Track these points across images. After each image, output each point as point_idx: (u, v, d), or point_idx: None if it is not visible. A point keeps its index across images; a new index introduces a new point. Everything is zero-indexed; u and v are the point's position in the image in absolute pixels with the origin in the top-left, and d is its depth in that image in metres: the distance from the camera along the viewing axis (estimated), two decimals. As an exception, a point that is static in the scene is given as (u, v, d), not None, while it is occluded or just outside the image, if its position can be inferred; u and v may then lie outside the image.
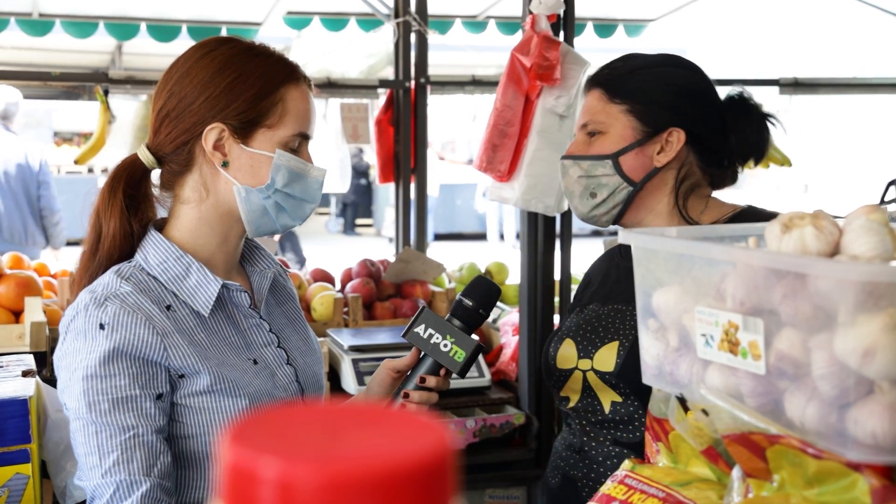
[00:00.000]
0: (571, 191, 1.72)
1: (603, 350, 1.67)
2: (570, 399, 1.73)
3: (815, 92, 4.15)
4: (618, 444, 1.66)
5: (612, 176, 1.66)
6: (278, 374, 1.50)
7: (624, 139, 1.66)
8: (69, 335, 1.38)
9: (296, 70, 1.48)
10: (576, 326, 1.75)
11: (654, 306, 1.13)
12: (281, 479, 0.34)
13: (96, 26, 5.20)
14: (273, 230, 1.50)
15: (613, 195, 1.67)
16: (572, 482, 1.70)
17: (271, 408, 0.40)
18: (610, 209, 1.69)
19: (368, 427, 0.37)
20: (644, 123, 1.66)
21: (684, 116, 1.67)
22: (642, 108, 1.66)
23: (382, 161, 3.65)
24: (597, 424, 1.68)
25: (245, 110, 1.42)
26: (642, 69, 1.70)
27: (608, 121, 1.68)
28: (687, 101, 1.68)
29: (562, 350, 1.74)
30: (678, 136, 1.66)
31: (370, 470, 0.34)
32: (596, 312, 1.74)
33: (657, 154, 1.67)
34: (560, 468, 1.73)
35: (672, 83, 1.69)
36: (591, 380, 1.68)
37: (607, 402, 1.67)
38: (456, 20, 5.32)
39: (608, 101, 1.68)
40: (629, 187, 1.67)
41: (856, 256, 0.92)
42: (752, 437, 0.96)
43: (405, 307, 3.18)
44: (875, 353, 0.87)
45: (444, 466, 0.36)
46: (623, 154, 1.66)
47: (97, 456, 1.32)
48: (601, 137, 1.68)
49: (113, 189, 1.45)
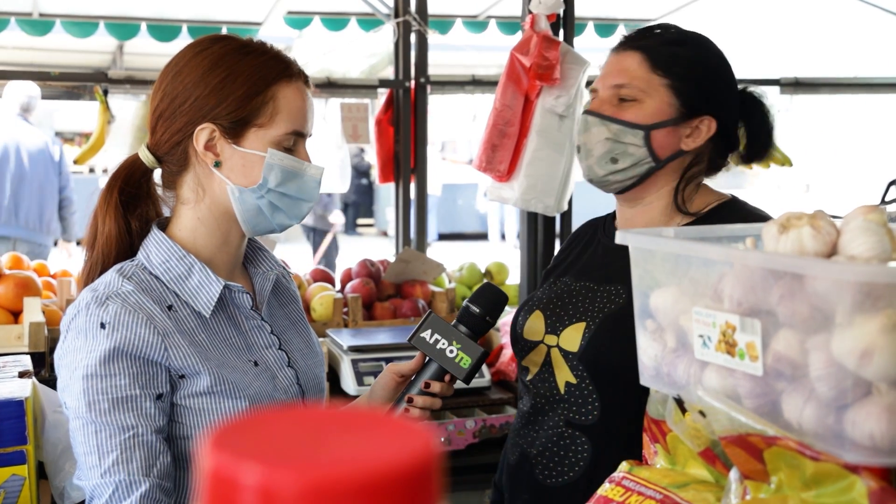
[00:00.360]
0: (590, 149, 1.66)
1: (570, 329, 1.65)
2: (530, 370, 1.72)
3: (816, 92, 4.14)
4: (570, 424, 1.63)
5: (640, 147, 1.62)
6: (279, 376, 1.49)
7: (660, 113, 1.62)
8: (70, 334, 1.38)
9: (290, 67, 1.45)
10: (546, 299, 1.74)
11: (652, 307, 1.12)
12: (262, 485, 0.34)
13: (96, 26, 5.20)
14: (270, 229, 1.49)
15: (636, 166, 1.63)
16: (527, 458, 1.68)
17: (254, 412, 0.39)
18: (626, 178, 1.65)
19: (352, 433, 0.37)
20: (682, 103, 1.62)
21: (720, 106, 1.65)
22: (685, 87, 1.62)
23: (382, 161, 3.65)
24: (551, 400, 1.66)
25: (235, 110, 1.41)
26: (685, 44, 1.65)
27: (648, 90, 1.62)
28: (724, 91, 1.66)
29: (530, 321, 1.72)
30: (710, 124, 1.63)
31: (352, 476, 0.33)
32: (568, 287, 1.72)
33: (686, 137, 1.64)
34: (518, 444, 1.72)
35: (712, 68, 1.65)
36: (553, 356, 1.67)
37: (562, 382, 1.65)
38: (456, 20, 5.32)
39: (650, 70, 1.62)
40: (652, 163, 1.63)
41: (853, 257, 0.92)
42: (750, 439, 0.95)
43: (405, 307, 3.17)
44: (873, 355, 0.86)
45: (429, 472, 0.35)
46: (657, 128, 1.62)
47: (96, 455, 1.32)
48: (636, 105, 1.63)
49: (110, 188, 1.45)
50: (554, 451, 1.65)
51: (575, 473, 1.62)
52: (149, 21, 5.22)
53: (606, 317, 1.62)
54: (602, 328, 1.62)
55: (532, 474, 1.67)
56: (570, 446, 1.63)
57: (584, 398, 1.63)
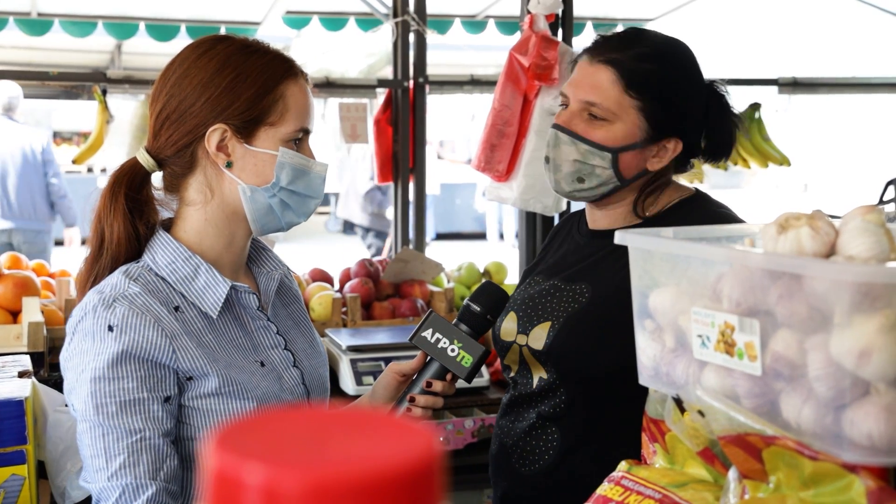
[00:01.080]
0: (558, 165, 1.68)
1: (538, 328, 1.71)
2: (512, 369, 1.79)
3: (814, 91, 4.15)
4: (541, 417, 1.71)
5: (606, 169, 1.64)
6: (285, 376, 1.49)
7: (629, 136, 1.63)
8: (77, 336, 1.37)
9: (293, 65, 1.47)
10: (520, 300, 1.79)
11: (651, 307, 1.13)
12: (265, 485, 0.34)
13: (95, 26, 5.20)
14: (278, 228, 1.49)
15: (601, 186, 1.67)
16: (504, 448, 1.77)
17: (258, 413, 0.40)
18: (591, 195, 1.70)
19: (355, 433, 0.37)
20: (651, 126, 1.63)
21: (686, 127, 1.67)
22: (656, 111, 1.63)
23: (381, 161, 3.64)
24: (526, 396, 1.74)
25: (247, 109, 1.41)
26: (658, 60, 1.65)
27: (618, 111, 1.63)
28: (691, 109, 1.67)
29: (505, 323, 1.79)
30: (675, 145, 1.66)
31: (355, 476, 0.34)
32: (539, 287, 1.78)
33: (652, 157, 1.66)
34: (497, 435, 1.80)
35: (683, 88, 1.66)
36: (525, 354, 1.73)
37: (536, 377, 1.73)
38: (455, 20, 5.32)
39: (623, 91, 1.62)
40: (618, 183, 1.66)
41: (852, 257, 0.92)
42: (749, 439, 0.95)
43: (404, 307, 3.18)
44: (871, 355, 0.87)
45: (430, 472, 0.36)
46: (624, 151, 1.64)
47: (103, 458, 1.32)
48: (606, 125, 1.63)
49: (114, 193, 1.44)
50: (527, 441, 1.72)
51: (545, 462, 1.70)
52: (147, 21, 5.21)
53: (570, 316, 1.68)
54: (565, 327, 1.68)
55: (509, 463, 1.75)
56: (542, 436, 1.71)
57: (553, 392, 1.70)
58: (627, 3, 5.59)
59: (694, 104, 1.68)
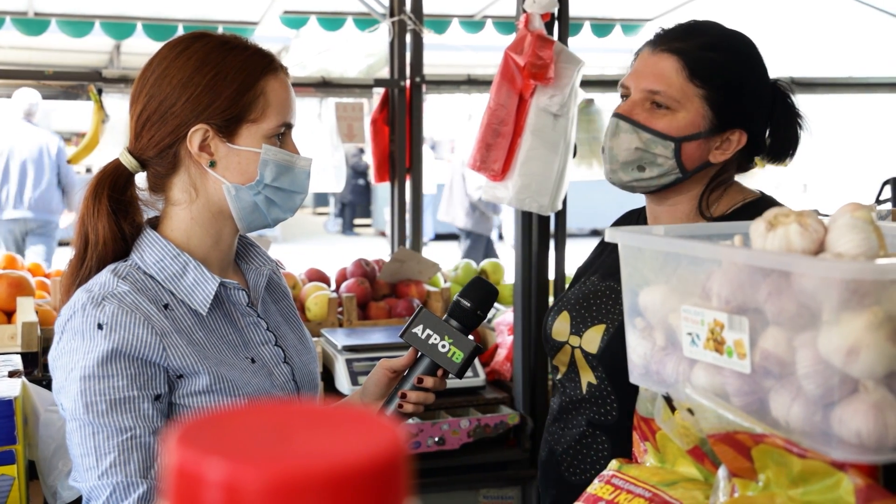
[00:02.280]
0: (616, 155, 1.62)
1: (591, 330, 1.67)
2: (559, 370, 1.75)
3: (813, 91, 4.14)
4: (591, 424, 1.67)
5: (669, 159, 1.59)
6: (275, 372, 1.49)
7: (693, 126, 1.58)
8: (65, 335, 1.37)
9: (273, 60, 1.45)
10: (574, 299, 1.74)
11: (641, 305, 1.12)
12: (226, 481, 0.34)
13: (92, 25, 5.19)
14: (265, 225, 1.48)
15: (662, 177, 1.61)
16: (554, 455, 1.73)
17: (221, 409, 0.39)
18: (650, 186, 1.63)
19: (320, 427, 0.37)
20: (716, 116, 1.58)
21: (751, 119, 1.61)
22: (721, 100, 1.58)
23: (378, 161, 3.64)
24: (575, 400, 1.70)
25: (228, 107, 1.40)
26: (724, 51, 1.61)
27: (682, 100, 1.58)
28: (756, 103, 1.62)
29: (558, 321, 1.74)
30: (740, 137, 1.60)
31: (317, 471, 0.33)
32: (594, 287, 1.72)
33: (715, 149, 1.61)
34: (547, 442, 1.76)
35: (748, 79, 1.61)
36: (576, 356, 1.69)
37: (584, 382, 1.68)
38: (453, 19, 5.32)
39: (687, 79, 1.58)
40: (679, 174, 1.60)
41: (840, 254, 0.92)
42: (738, 437, 0.95)
43: (400, 307, 3.17)
44: (859, 352, 0.86)
45: (395, 467, 0.35)
46: (688, 141, 1.58)
47: (94, 457, 1.31)
48: (669, 114, 1.59)
49: (97, 195, 1.42)
50: (577, 450, 1.69)
51: (596, 471, 1.62)
52: (145, 21, 5.21)
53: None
54: (621, 331, 1.60)
55: (559, 471, 1.71)
56: (592, 445, 1.67)
57: (604, 399, 1.66)
58: (626, 3, 5.58)
59: (759, 97, 1.63)
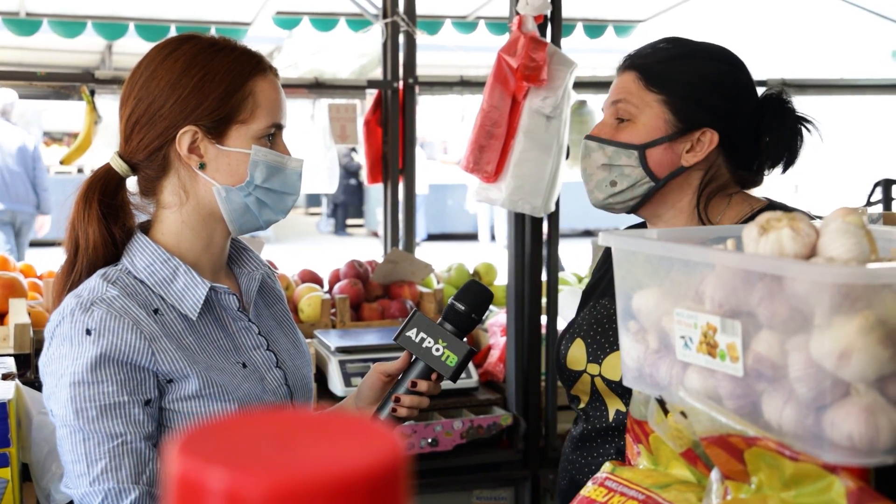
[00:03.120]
0: (590, 175, 1.64)
1: (612, 356, 1.62)
2: (581, 400, 1.70)
3: (804, 93, 4.16)
4: (620, 452, 1.61)
5: (635, 168, 1.60)
6: (267, 377, 1.48)
7: (655, 131, 1.59)
8: (55, 340, 1.36)
9: (261, 61, 1.45)
10: (587, 325, 1.70)
11: (635, 308, 1.13)
12: (228, 490, 0.34)
13: (84, 26, 5.18)
14: (256, 226, 1.48)
15: (633, 188, 1.61)
16: (577, 486, 1.67)
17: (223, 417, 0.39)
18: (627, 200, 1.63)
19: (320, 436, 0.37)
20: (678, 118, 1.59)
21: (720, 117, 1.60)
22: (678, 101, 1.59)
23: (371, 162, 3.64)
24: (602, 430, 1.65)
25: (216, 108, 1.40)
26: (684, 58, 1.62)
27: (641, 108, 1.60)
28: (725, 100, 1.61)
29: (572, 350, 1.70)
30: (711, 136, 1.59)
31: (318, 480, 0.34)
32: (607, 310, 1.69)
33: (686, 153, 1.60)
34: (567, 471, 1.71)
35: (713, 80, 1.61)
36: (598, 385, 1.64)
37: (612, 410, 1.64)
38: (445, 20, 5.32)
39: (644, 88, 1.61)
40: (651, 182, 1.60)
41: (832, 258, 0.92)
42: (731, 440, 0.96)
43: (393, 308, 3.17)
44: (851, 356, 0.87)
45: (395, 475, 0.35)
46: (651, 147, 1.59)
47: (85, 464, 1.30)
48: (630, 125, 1.61)
49: (87, 200, 1.42)
50: None
51: None
52: (137, 21, 5.20)
53: None
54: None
55: None
56: None
57: None
58: (618, 5, 5.60)
59: (727, 94, 1.62)
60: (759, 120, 1.63)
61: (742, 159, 1.65)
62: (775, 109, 1.64)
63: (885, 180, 3.52)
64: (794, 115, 1.65)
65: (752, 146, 1.64)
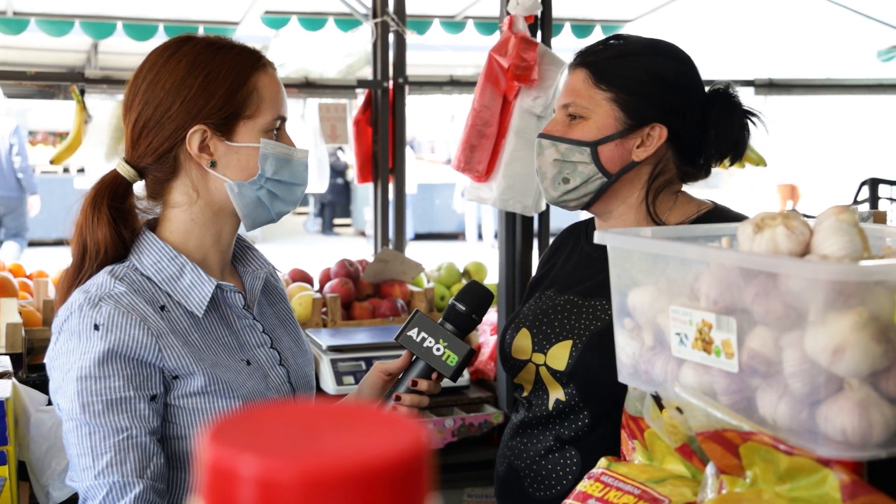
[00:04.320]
0: (544, 172, 1.69)
1: (557, 347, 1.67)
2: (524, 388, 1.74)
3: (790, 93, 4.19)
4: (558, 439, 1.66)
5: (588, 164, 1.64)
6: (271, 375, 1.50)
7: (605, 128, 1.64)
8: (62, 335, 1.37)
9: (261, 57, 1.48)
10: (532, 316, 1.74)
11: (630, 306, 1.14)
12: (260, 476, 0.35)
13: (72, 25, 5.16)
14: (269, 219, 1.50)
15: (587, 183, 1.65)
16: (515, 471, 1.71)
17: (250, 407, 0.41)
18: (581, 196, 1.67)
19: (346, 426, 0.38)
20: (627, 115, 1.63)
21: (668, 112, 1.65)
22: (628, 99, 1.63)
23: (361, 161, 3.65)
24: (542, 418, 1.69)
25: (223, 106, 1.41)
26: (632, 56, 1.66)
27: (591, 106, 1.64)
28: (673, 96, 1.65)
29: (518, 339, 1.74)
30: (660, 132, 1.64)
31: (348, 467, 0.35)
32: (552, 302, 1.73)
33: (636, 148, 1.64)
34: (506, 456, 1.74)
35: (660, 76, 1.65)
36: (542, 374, 1.69)
37: (553, 398, 1.68)
38: (434, 20, 5.33)
39: (593, 86, 1.65)
40: (603, 178, 1.65)
41: (826, 256, 0.94)
42: (726, 434, 0.97)
43: (384, 307, 3.18)
44: (844, 351, 0.89)
45: (420, 464, 0.37)
46: (602, 144, 1.63)
47: (90, 457, 1.32)
48: (582, 122, 1.65)
49: (96, 206, 1.43)
50: (543, 465, 1.67)
51: (563, 486, 1.64)
52: (125, 20, 5.18)
53: (593, 334, 1.64)
54: (589, 346, 1.63)
55: (522, 487, 1.70)
56: (560, 460, 1.66)
57: (575, 414, 1.65)
58: (606, 5, 5.62)
59: (675, 89, 1.66)
60: (707, 114, 1.68)
61: (690, 153, 1.70)
62: (722, 104, 1.68)
63: (872, 179, 3.56)
64: (741, 109, 1.70)
65: (699, 140, 1.69)
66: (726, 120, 1.67)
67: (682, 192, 1.71)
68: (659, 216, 1.66)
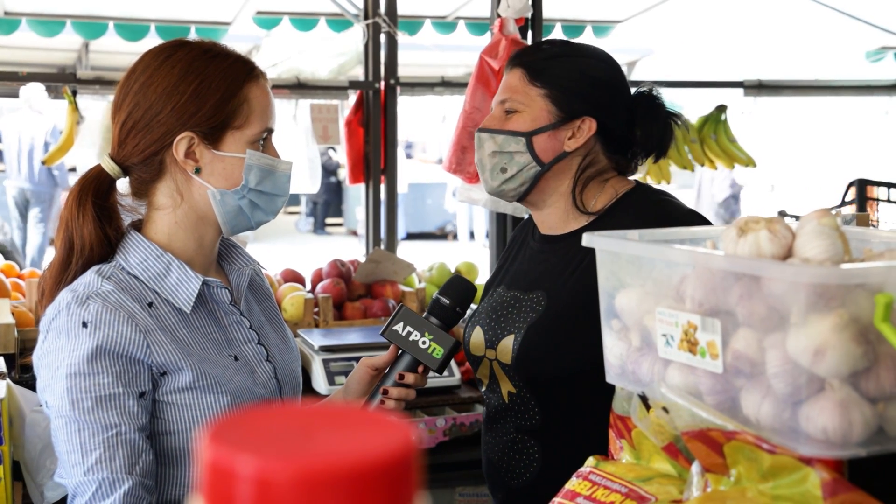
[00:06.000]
0: (484, 164, 1.78)
1: (504, 342, 1.75)
2: (483, 382, 1.82)
3: (779, 94, 4.22)
4: (518, 430, 1.74)
5: (523, 154, 1.73)
6: (258, 370, 1.51)
7: (539, 120, 1.74)
8: (51, 333, 1.39)
9: (254, 67, 1.49)
10: (485, 313, 1.84)
11: (617, 307, 1.16)
12: (258, 475, 0.37)
13: (63, 25, 5.16)
14: (248, 227, 1.51)
15: (522, 172, 1.74)
16: (492, 463, 1.80)
17: (248, 408, 0.42)
18: (517, 186, 1.76)
19: (340, 426, 0.40)
20: (559, 109, 1.74)
21: (597, 107, 1.75)
22: (559, 94, 1.74)
23: (352, 162, 3.66)
24: (501, 410, 1.77)
25: (213, 115, 1.43)
26: (564, 57, 1.78)
27: (526, 101, 1.75)
28: (602, 93, 1.76)
29: (473, 336, 1.82)
30: (589, 124, 1.74)
31: (342, 466, 0.37)
32: (501, 298, 1.82)
33: (568, 139, 1.74)
34: (485, 451, 1.83)
35: (590, 75, 1.76)
36: (495, 369, 1.77)
37: (505, 391, 1.76)
38: (426, 21, 5.35)
39: (528, 83, 1.75)
40: (537, 167, 1.74)
41: (807, 259, 0.96)
42: (711, 434, 0.99)
43: (375, 307, 3.20)
44: (825, 352, 0.91)
45: (411, 463, 0.39)
46: (536, 134, 1.73)
47: (79, 454, 1.33)
48: (517, 116, 1.75)
49: (81, 201, 1.44)
50: (510, 456, 1.75)
51: (531, 475, 1.72)
52: (116, 20, 5.18)
53: (530, 326, 1.72)
54: (527, 338, 1.71)
55: (500, 477, 1.78)
56: (523, 450, 1.74)
57: (526, 405, 1.73)
58: (596, 6, 5.64)
59: (603, 87, 1.77)
60: (634, 114, 1.79)
61: (617, 146, 1.80)
62: (647, 106, 1.80)
63: (859, 180, 3.59)
64: (665, 111, 1.80)
65: (626, 136, 1.79)
66: (652, 120, 1.79)
67: (613, 178, 1.80)
68: (586, 203, 1.76)
